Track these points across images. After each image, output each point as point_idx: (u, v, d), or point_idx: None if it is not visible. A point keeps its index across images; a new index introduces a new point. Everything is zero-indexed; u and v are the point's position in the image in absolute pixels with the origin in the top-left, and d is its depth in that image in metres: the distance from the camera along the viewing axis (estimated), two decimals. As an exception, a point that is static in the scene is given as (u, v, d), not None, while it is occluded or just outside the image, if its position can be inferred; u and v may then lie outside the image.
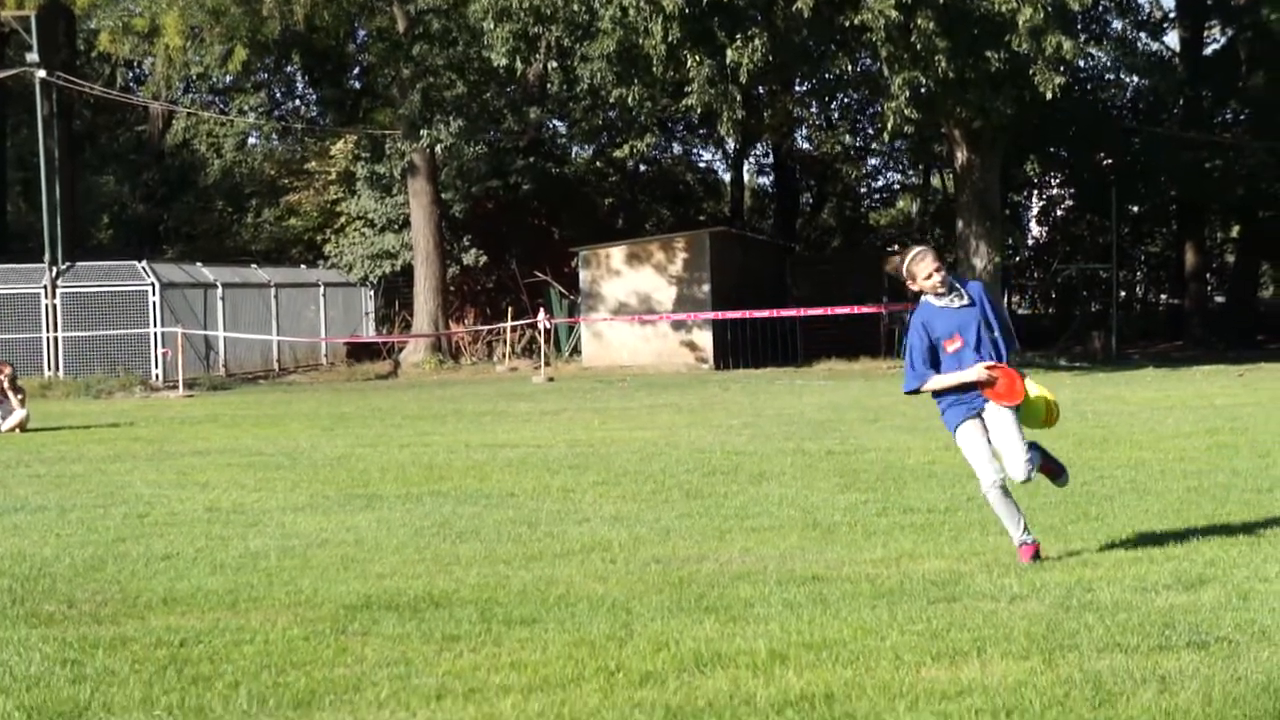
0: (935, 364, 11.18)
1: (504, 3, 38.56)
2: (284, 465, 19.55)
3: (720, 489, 16.06)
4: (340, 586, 10.78)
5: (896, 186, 68.71)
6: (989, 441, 11.21)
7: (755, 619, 9.35)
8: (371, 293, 54.99)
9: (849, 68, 42.28)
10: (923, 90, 38.22)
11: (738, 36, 36.86)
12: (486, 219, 56.02)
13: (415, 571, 11.38)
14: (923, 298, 11.27)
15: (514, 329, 49.22)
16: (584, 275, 47.65)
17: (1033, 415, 11.33)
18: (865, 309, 45.40)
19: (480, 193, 55.69)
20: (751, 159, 68.24)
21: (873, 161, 65.93)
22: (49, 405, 33.67)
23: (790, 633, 8.96)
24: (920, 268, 11.17)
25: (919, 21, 35.56)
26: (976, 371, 11.04)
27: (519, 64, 40.79)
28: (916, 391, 11.35)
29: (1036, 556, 11.09)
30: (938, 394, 11.27)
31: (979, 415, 11.19)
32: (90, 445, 23.56)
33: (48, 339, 42.29)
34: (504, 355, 48.78)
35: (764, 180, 71.64)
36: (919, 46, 36.18)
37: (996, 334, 11.17)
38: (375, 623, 9.50)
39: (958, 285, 11.20)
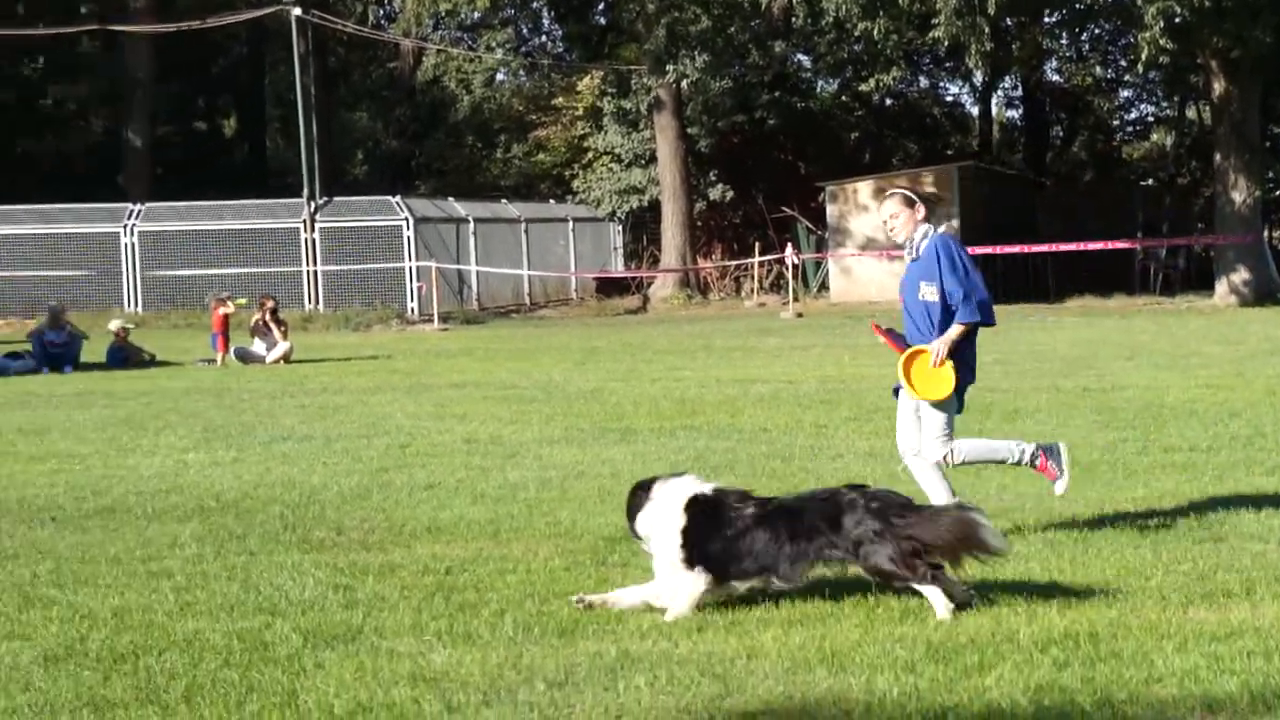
0: None
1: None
2: (538, 398, 19.81)
3: (974, 426, 15.84)
4: (598, 519, 10.91)
5: (1150, 119, 67.04)
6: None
7: (1016, 558, 9.26)
8: (619, 228, 55.30)
9: (1100, -3, 41.42)
10: (1177, 19, 37.20)
11: (988, -33, 36.23)
12: (732, 154, 55.92)
13: (672, 504, 11.47)
14: None
15: (761, 264, 49.17)
16: (831, 210, 47.40)
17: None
18: (1118, 244, 44.44)
19: (726, 127, 55.59)
20: (1000, 92, 67.15)
21: (1125, 93, 64.49)
22: (310, 338, 34.47)
23: (1052, 571, 8.90)
24: (879, 212, 10.53)
25: (1175, -52, 34.60)
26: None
27: (764, -3, 40.59)
28: None
29: None
30: None
31: None
32: (351, 377, 24.11)
33: (307, 272, 43.28)
34: (752, 290, 48.78)
35: (1013, 114, 70.45)
36: (1175, -26, 35.23)
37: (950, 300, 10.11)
38: (634, 554, 9.59)
39: (915, 240, 10.21)
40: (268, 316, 28.16)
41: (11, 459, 14.72)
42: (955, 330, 10.05)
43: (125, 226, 43.60)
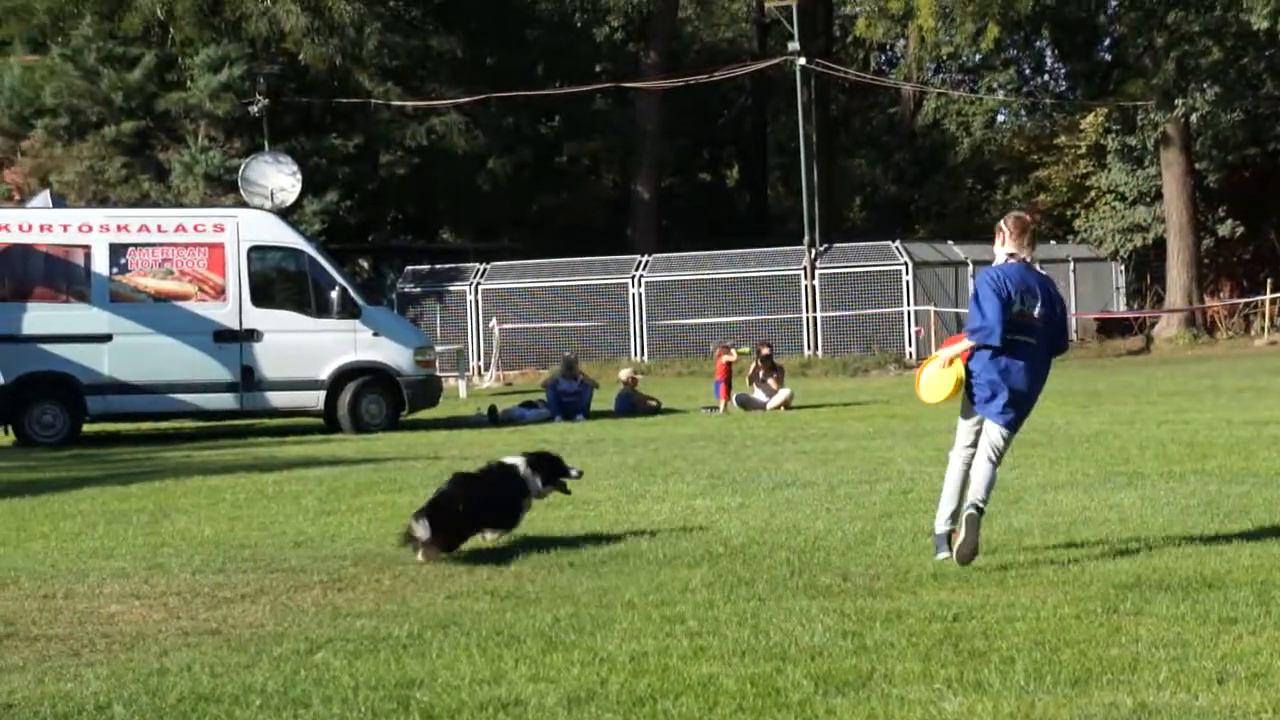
0: None
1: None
2: (1040, 442, 19.52)
3: None
4: (1108, 565, 10.71)
5: None
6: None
7: None
8: (1121, 267, 54.17)
9: None
10: None
11: None
12: (1243, 188, 54.20)
13: (1184, 551, 11.18)
14: None
15: (1273, 302, 47.41)
16: (1351, 244, 45.40)
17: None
18: None
19: (1236, 161, 53.94)
20: None
21: None
22: (809, 383, 34.82)
23: None
24: None
25: None
26: None
27: (1280, 26, 39.27)
28: None
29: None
30: None
31: None
32: (850, 422, 24.24)
33: (807, 319, 43.75)
34: (1262, 329, 47.06)
35: None
36: None
37: None
38: (1147, 602, 9.40)
39: None
40: (759, 361, 28.52)
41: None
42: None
43: (633, 277, 44.95)
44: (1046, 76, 64.91)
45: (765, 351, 28.80)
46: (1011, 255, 11.14)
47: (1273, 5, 37.57)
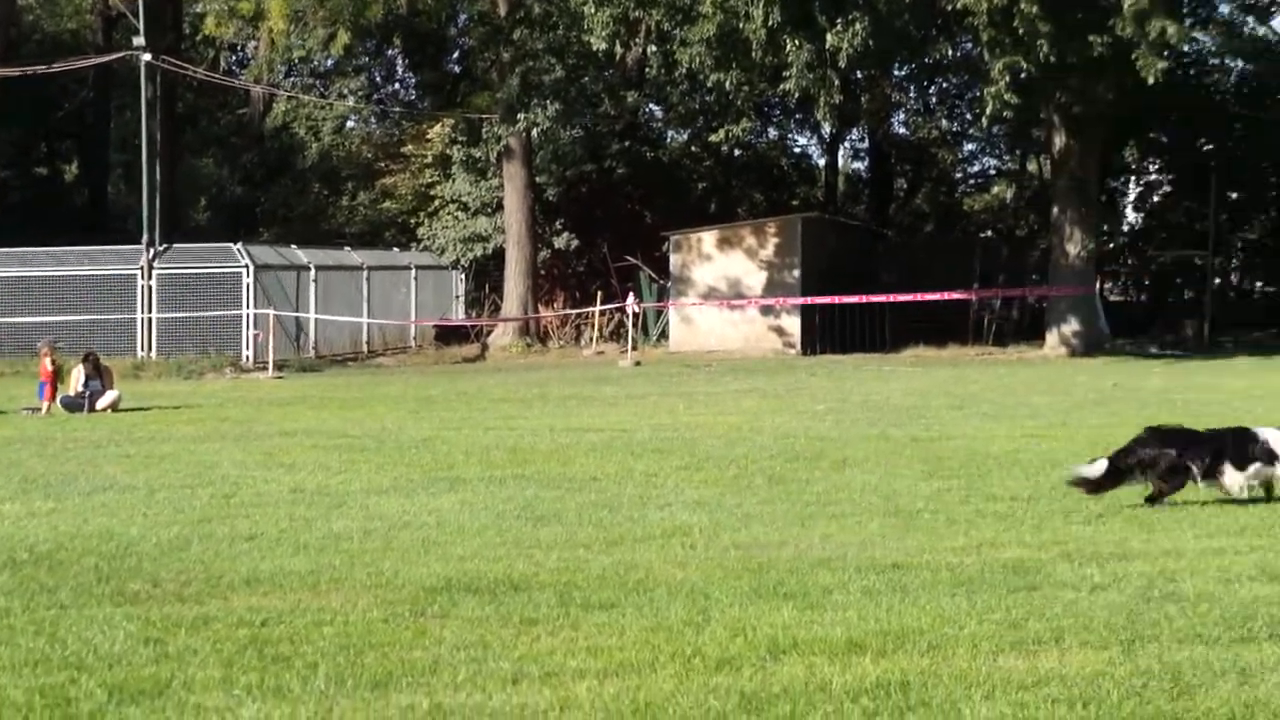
0: None
1: (605, -13, 38.56)
2: (369, 447, 19.63)
3: (803, 475, 16.02)
4: (421, 569, 10.82)
5: (992, 172, 68.25)
6: None
7: (833, 606, 9.33)
8: (462, 276, 55.17)
9: (949, 52, 42.03)
10: (1023, 75, 37.85)
11: (838, 21, 36.63)
12: (579, 203, 56.08)
13: (495, 555, 11.40)
14: None
15: (602, 313, 49.24)
16: (674, 259, 47.60)
17: None
18: (955, 295, 44.98)
19: (574, 176, 55.76)
20: (847, 144, 68.09)
21: (969, 147, 65.64)
22: (141, 386, 33.96)
23: (868, 620, 8.93)
24: None
25: (1022, 5, 34.96)
26: None
27: (618, 48, 40.83)
28: None
29: None
30: None
31: None
32: (180, 425, 23.75)
33: (142, 320, 42.68)
34: (592, 339, 48.82)
35: (859, 165, 71.44)
36: (1021, 31, 35.66)
37: None
38: (454, 605, 9.54)
39: None
40: (85, 368, 27.51)
41: None
42: None
43: (-42, 272, 42.85)
44: (397, 85, 65.55)
45: (92, 358, 27.74)
46: None
47: (611, 28, 39.00)
